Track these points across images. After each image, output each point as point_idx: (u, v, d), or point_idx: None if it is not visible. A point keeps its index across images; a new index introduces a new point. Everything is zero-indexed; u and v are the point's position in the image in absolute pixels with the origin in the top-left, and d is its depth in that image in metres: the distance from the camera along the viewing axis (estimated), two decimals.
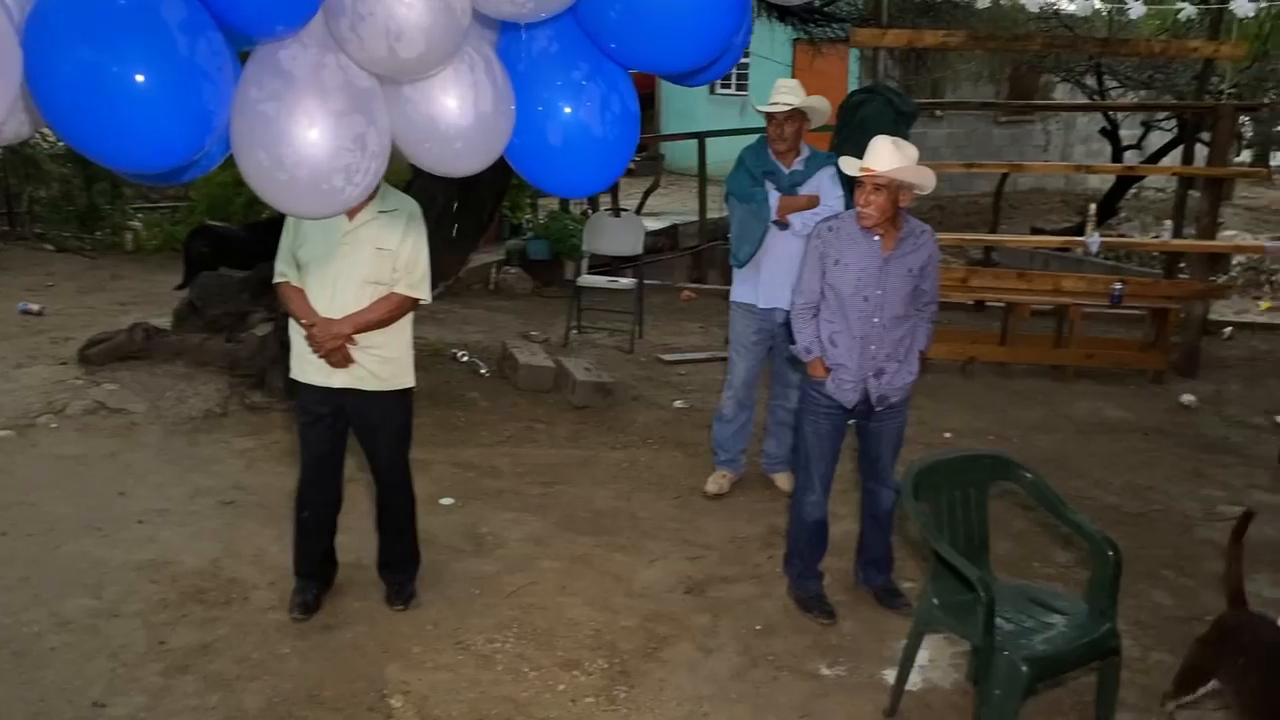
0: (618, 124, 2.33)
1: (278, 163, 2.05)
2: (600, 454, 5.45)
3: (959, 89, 15.98)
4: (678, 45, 2.26)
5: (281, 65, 2.04)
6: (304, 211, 2.30)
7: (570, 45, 2.29)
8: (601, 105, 2.29)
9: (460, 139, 2.20)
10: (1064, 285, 7.30)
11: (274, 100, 2.02)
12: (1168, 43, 8.26)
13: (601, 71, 2.30)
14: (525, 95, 2.28)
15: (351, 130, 2.08)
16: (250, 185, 2.14)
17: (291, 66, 2.04)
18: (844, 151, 6.22)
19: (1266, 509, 5.03)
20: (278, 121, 2.03)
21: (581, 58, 2.28)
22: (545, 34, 2.29)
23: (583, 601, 3.93)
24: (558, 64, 2.29)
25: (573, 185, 2.66)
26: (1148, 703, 3.41)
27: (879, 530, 4.01)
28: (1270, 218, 17.04)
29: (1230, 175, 8.17)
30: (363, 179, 2.15)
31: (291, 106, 2.03)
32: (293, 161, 2.05)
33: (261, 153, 2.05)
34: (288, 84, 2.03)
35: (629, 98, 2.37)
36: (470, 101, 2.16)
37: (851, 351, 3.72)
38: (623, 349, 7.56)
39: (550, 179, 2.48)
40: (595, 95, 2.28)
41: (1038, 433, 6.09)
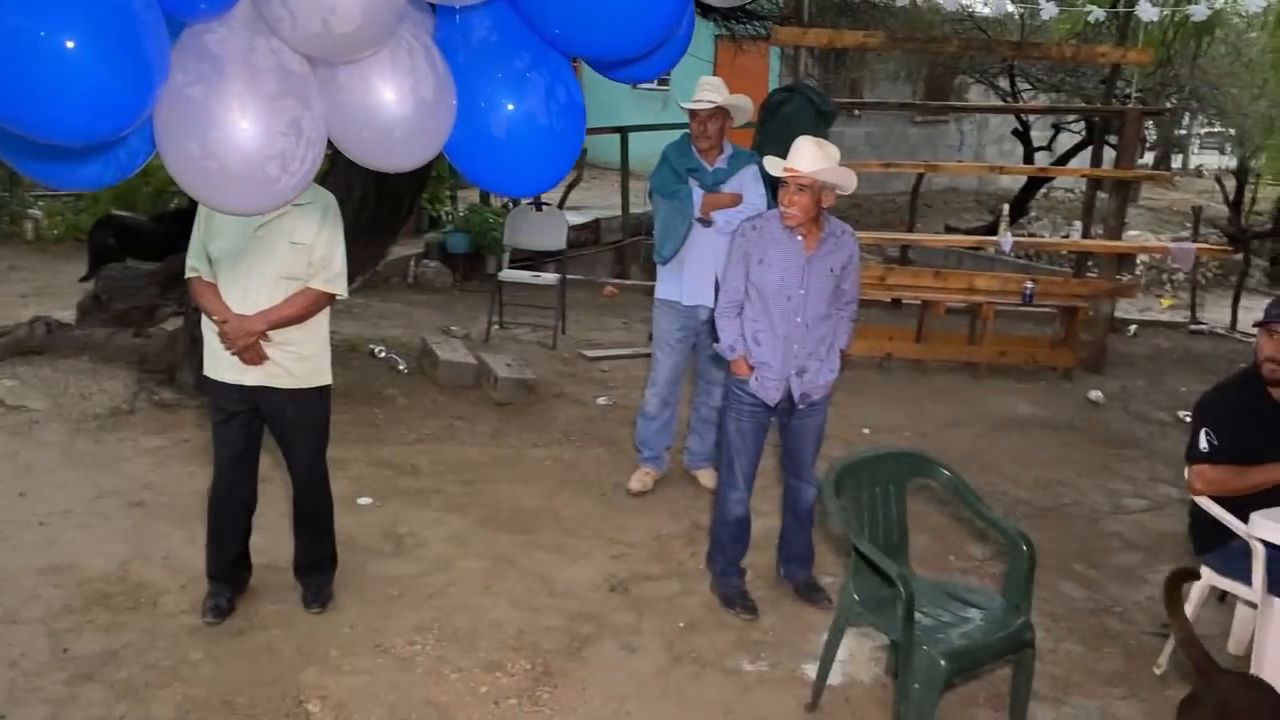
0: (564, 114, 2.28)
1: (207, 150, 1.93)
2: (523, 451, 5.41)
3: (876, 88, 16.25)
4: (621, 29, 2.21)
5: (208, 49, 1.94)
6: (239, 205, 2.18)
7: (511, 34, 2.23)
8: (546, 95, 2.24)
9: (399, 128, 2.11)
10: (978, 284, 7.47)
11: (201, 84, 1.91)
12: (1078, 48, 8.50)
13: (545, 61, 2.25)
14: (467, 87, 2.21)
15: (285, 115, 1.98)
16: (180, 181, 2.02)
17: (219, 50, 1.94)
18: (766, 149, 6.33)
19: (1171, 502, 5.22)
20: (206, 106, 1.92)
21: (523, 47, 2.22)
22: (484, 24, 2.23)
23: (505, 602, 3.89)
24: (499, 54, 2.23)
25: (520, 181, 2.57)
26: (1059, 693, 3.51)
27: (800, 526, 4.05)
28: (1171, 218, 17.69)
29: (1137, 178, 8.45)
30: (299, 167, 2.04)
31: (220, 90, 1.92)
32: (223, 149, 1.94)
33: (190, 141, 1.94)
34: (215, 67, 1.93)
35: (574, 88, 2.33)
36: (409, 88, 2.08)
37: (775, 350, 3.74)
38: (545, 345, 7.51)
39: (496, 175, 2.41)
40: (539, 85, 2.23)
41: (953, 428, 6.22)
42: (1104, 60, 8.02)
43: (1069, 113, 13.78)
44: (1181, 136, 21.62)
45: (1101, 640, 3.88)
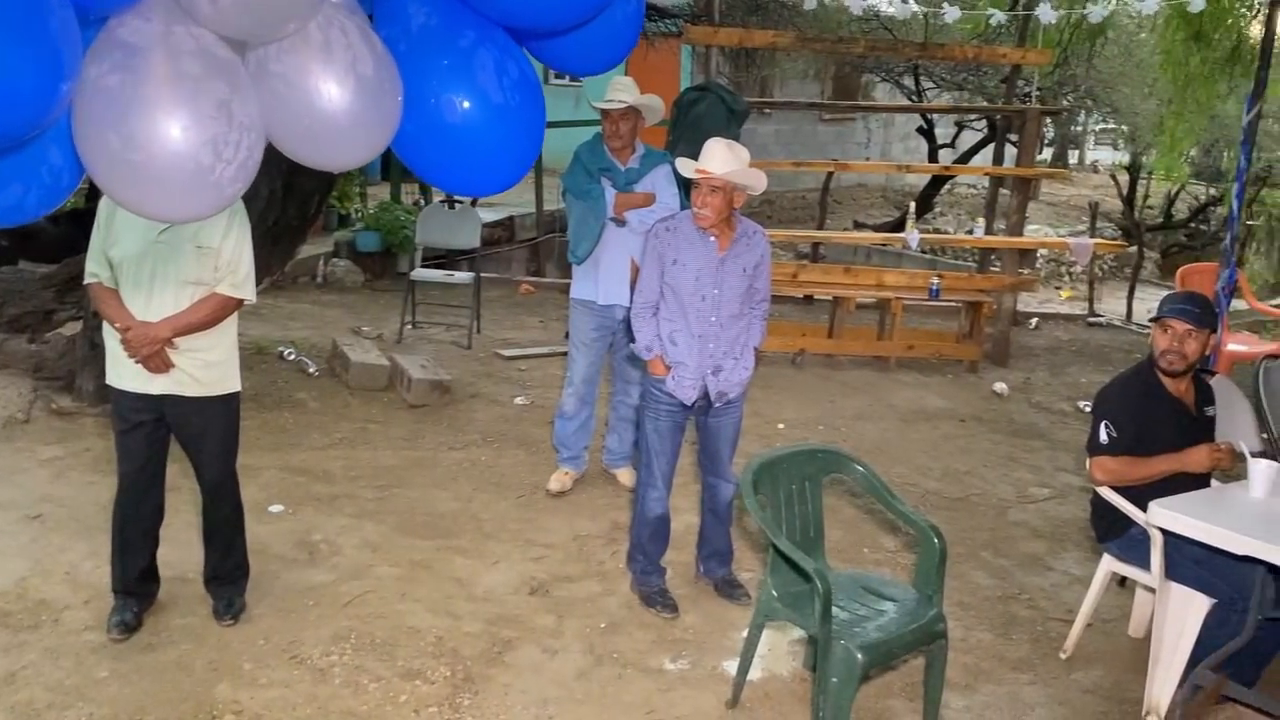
0: (518, 89, 2.19)
1: (128, 142, 1.78)
2: (439, 454, 5.34)
3: (786, 87, 16.46)
4: None
5: (122, 39, 1.81)
6: (175, 206, 1.98)
7: (449, 16, 2.14)
8: (497, 70, 2.15)
9: (344, 114, 1.99)
10: (886, 280, 7.63)
11: (118, 72, 1.77)
12: (980, 48, 8.74)
13: (490, 38, 2.17)
14: (413, 76, 2.12)
15: (212, 96, 1.84)
16: (102, 185, 1.87)
17: (135, 38, 1.80)
18: (679, 148, 6.38)
19: (1073, 491, 5.40)
20: (124, 94, 1.77)
21: (466, 25, 2.14)
22: (422, 9, 2.15)
23: (423, 608, 3.84)
24: (441, 36, 2.14)
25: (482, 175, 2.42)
26: (971, 680, 3.60)
27: (719, 523, 4.09)
28: (1069, 212, 18.26)
29: (1037, 175, 8.71)
30: (235, 155, 1.89)
31: (139, 76, 1.77)
32: (146, 137, 1.79)
33: (109, 133, 1.78)
34: (131, 54, 1.79)
35: (524, 64, 2.25)
36: (347, 66, 1.96)
37: (691, 349, 3.77)
38: (460, 345, 7.44)
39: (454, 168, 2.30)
40: (488, 62, 2.14)
41: (864, 421, 6.34)
42: (1005, 60, 8.26)
43: (972, 112, 14.14)
44: (1077, 133, 22.40)
45: (1010, 627, 4.00)
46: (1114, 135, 21.94)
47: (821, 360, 7.53)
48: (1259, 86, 4.88)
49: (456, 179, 2.42)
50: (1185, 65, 9.18)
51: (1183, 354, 3.49)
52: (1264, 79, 4.90)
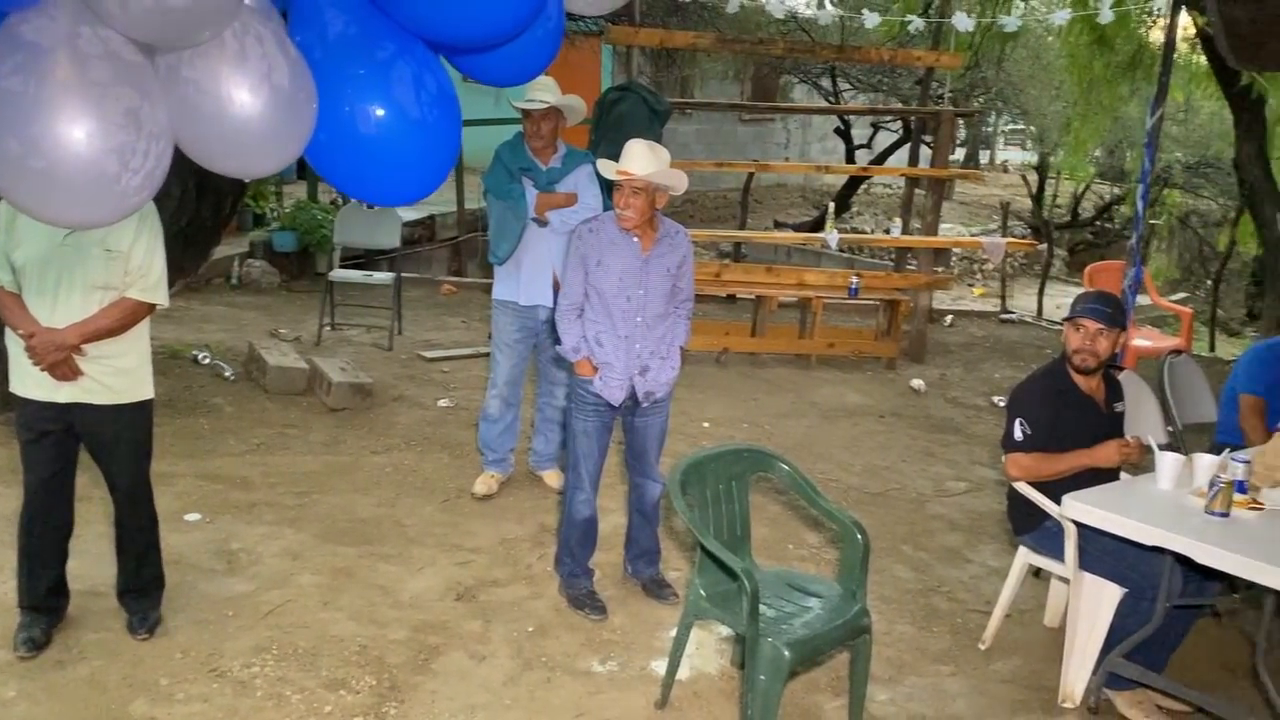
0: (436, 105, 2.16)
1: (32, 148, 1.70)
2: (360, 459, 5.26)
3: (706, 86, 16.57)
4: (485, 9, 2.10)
5: (24, 38, 1.72)
6: (77, 214, 1.90)
7: (369, 26, 2.10)
8: (415, 85, 2.12)
9: (256, 123, 1.94)
10: (808, 279, 7.73)
11: (19, 75, 1.68)
12: (895, 51, 8.91)
13: (409, 51, 2.13)
14: (328, 85, 2.07)
15: (120, 104, 1.77)
16: (5, 193, 1.78)
17: (38, 38, 1.71)
18: (601, 148, 6.38)
19: (988, 484, 5.54)
20: (25, 98, 1.69)
21: (385, 37, 2.10)
22: (340, 17, 2.10)
23: (347, 616, 3.77)
24: (359, 46, 2.10)
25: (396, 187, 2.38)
26: (894, 673, 3.67)
27: (646, 523, 4.09)
28: (980, 211, 18.74)
29: (951, 176, 8.91)
30: (143, 164, 1.82)
31: (42, 79, 1.70)
32: (50, 144, 1.71)
33: (9, 138, 1.70)
34: (35, 55, 1.70)
35: (443, 78, 2.22)
36: (262, 74, 1.91)
37: (617, 350, 3.77)
38: (381, 346, 7.33)
39: (369, 180, 2.26)
40: (406, 75, 2.11)
41: (787, 418, 6.42)
42: (919, 63, 8.44)
43: (888, 114, 14.42)
44: (988, 134, 22.98)
45: (930, 620, 4.08)
46: (1023, 136, 22.58)
47: (745, 359, 7.60)
48: (1161, 92, 5.06)
49: (368, 189, 2.38)
50: (1089, 69, 9.48)
51: (1095, 352, 3.60)
52: (1165, 84, 5.07)
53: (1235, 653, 3.90)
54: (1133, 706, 3.47)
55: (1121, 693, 3.49)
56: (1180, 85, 10.63)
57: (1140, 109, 11.98)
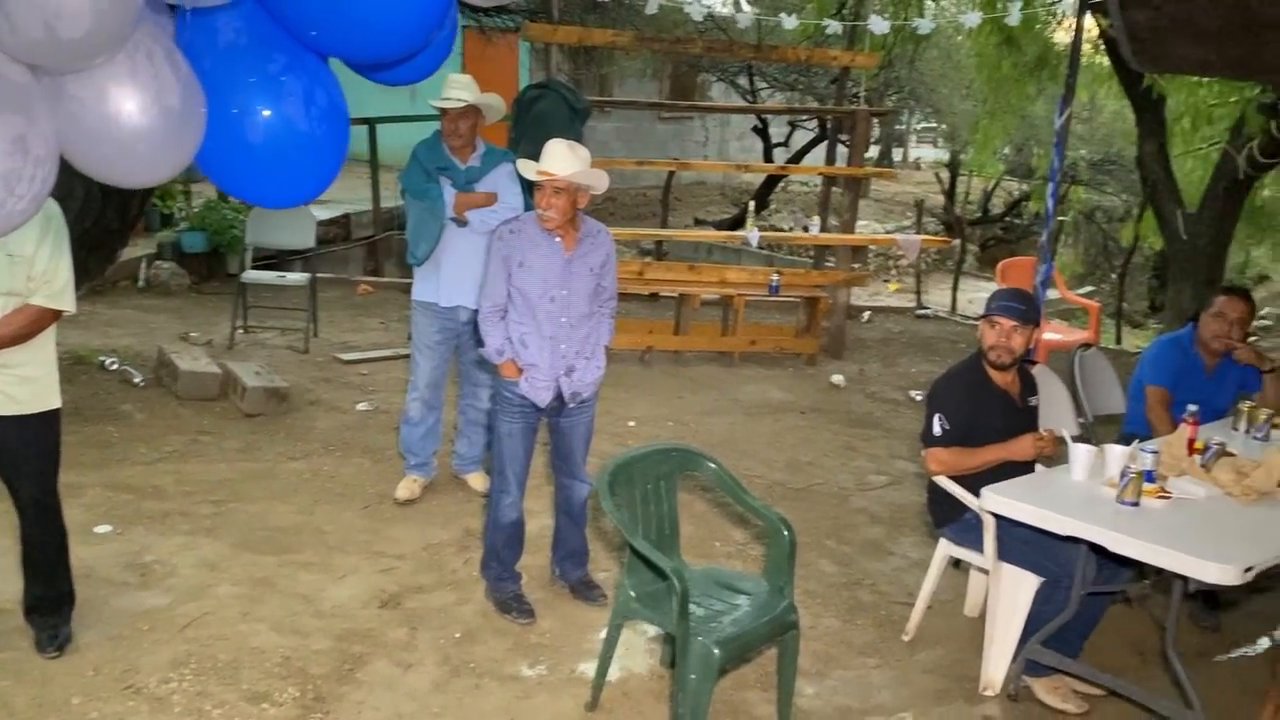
0: (325, 119, 2.14)
1: None
2: (278, 465, 5.14)
3: (625, 84, 16.58)
4: (382, 31, 2.10)
5: None
6: None
7: (262, 36, 2.07)
8: (305, 99, 2.09)
9: (144, 140, 1.90)
10: (729, 277, 7.79)
11: None
12: (811, 51, 9.02)
13: (301, 63, 2.11)
14: (216, 93, 2.03)
15: (9, 132, 1.72)
16: None
17: None
18: (521, 146, 6.33)
19: (908, 477, 5.64)
20: None
21: (277, 49, 2.07)
22: (232, 25, 2.06)
23: (268, 627, 3.68)
24: (250, 56, 2.06)
25: (280, 193, 2.39)
26: (821, 667, 3.71)
27: (574, 525, 4.08)
28: (895, 208, 19.09)
29: (867, 175, 9.05)
30: (28, 189, 1.79)
31: None
32: None
33: None
34: None
35: (334, 91, 2.20)
36: (152, 96, 1.87)
37: (543, 351, 3.75)
38: (296, 349, 7.17)
39: (253, 186, 2.24)
40: (296, 89, 2.08)
41: (712, 416, 6.45)
42: (835, 63, 8.55)
43: (805, 113, 14.60)
44: (900, 132, 23.42)
45: (855, 613, 4.14)
46: (934, 134, 23.08)
47: (669, 357, 7.63)
48: (1069, 93, 5.21)
49: (250, 193, 2.35)
50: (998, 69, 9.70)
51: (1009, 349, 3.69)
52: (1073, 86, 5.22)
53: (1146, 636, 4.04)
54: (1050, 692, 3.57)
55: (1039, 679, 3.58)
56: (1085, 85, 10.93)
57: (1046, 108, 12.34)
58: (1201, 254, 8.44)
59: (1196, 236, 8.38)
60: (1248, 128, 7.82)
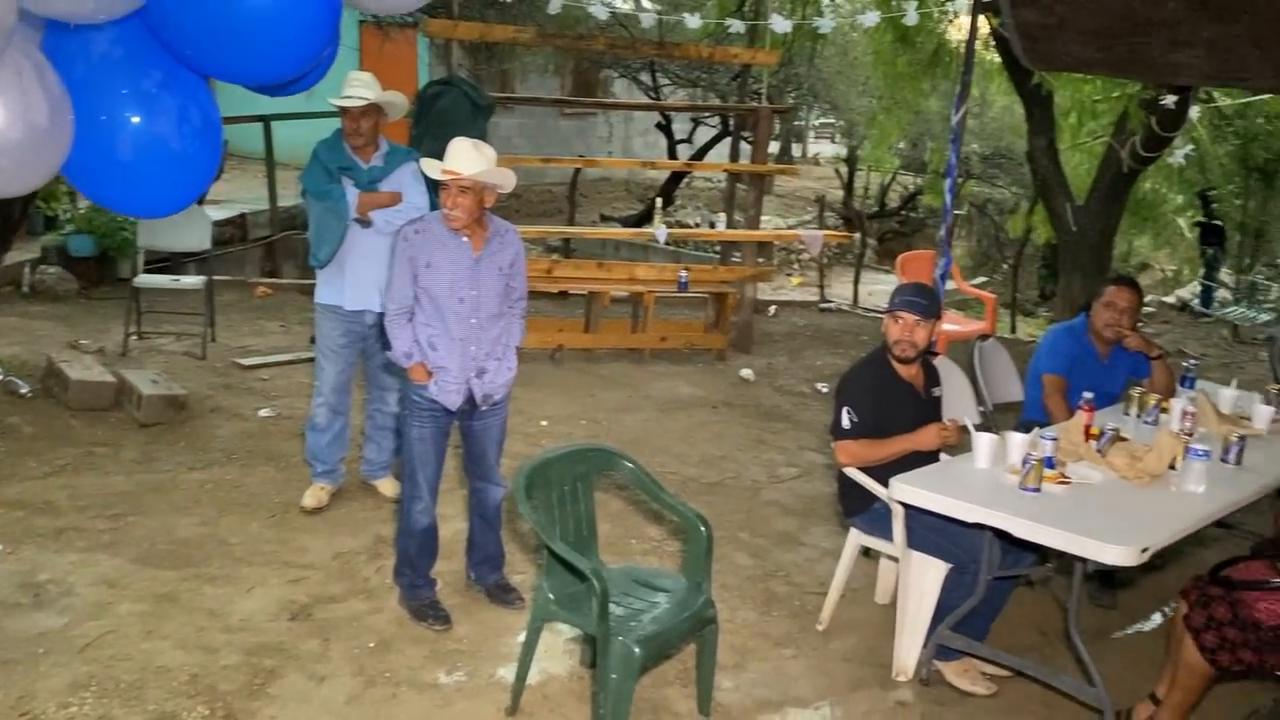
0: (199, 137, 2.08)
1: None
2: (178, 476, 4.97)
3: (527, 80, 16.47)
4: (263, 55, 2.06)
5: None
6: None
7: (138, 50, 2.00)
8: (179, 117, 2.03)
9: (7, 155, 1.83)
10: (638, 274, 7.81)
11: None
12: (713, 48, 9.09)
13: (177, 79, 2.04)
14: (86, 106, 1.96)
15: None
16: None
17: None
18: (423, 143, 6.23)
19: (817, 468, 5.73)
20: None
21: (153, 64, 2.00)
22: (107, 36, 1.98)
23: (173, 644, 3.56)
24: (124, 70, 1.99)
25: (148, 205, 2.32)
26: (739, 659, 3.75)
27: (488, 528, 4.04)
28: (796, 203, 19.40)
29: (771, 172, 9.17)
30: None
31: None
32: None
33: None
34: None
35: (210, 107, 2.13)
36: (19, 113, 1.81)
37: (452, 353, 3.70)
38: (194, 355, 6.94)
39: (122, 199, 2.17)
40: (171, 106, 2.02)
41: (624, 413, 6.46)
42: (737, 60, 8.64)
43: (709, 110, 14.70)
44: (800, 128, 23.79)
45: (770, 604, 4.20)
46: (832, 129, 23.49)
47: (580, 355, 7.61)
48: (964, 90, 5.35)
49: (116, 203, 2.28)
50: (894, 66, 9.91)
51: (913, 342, 3.78)
52: (968, 84, 5.36)
53: (1049, 617, 4.18)
54: (960, 675, 3.67)
55: (949, 663, 3.68)
56: (976, 81, 11.24)
57: (939, 103, 12.67)
58: (1090, 244, 8.75)
59: (1085, 228, 8.69)
60: (1130, 123, 8.14)
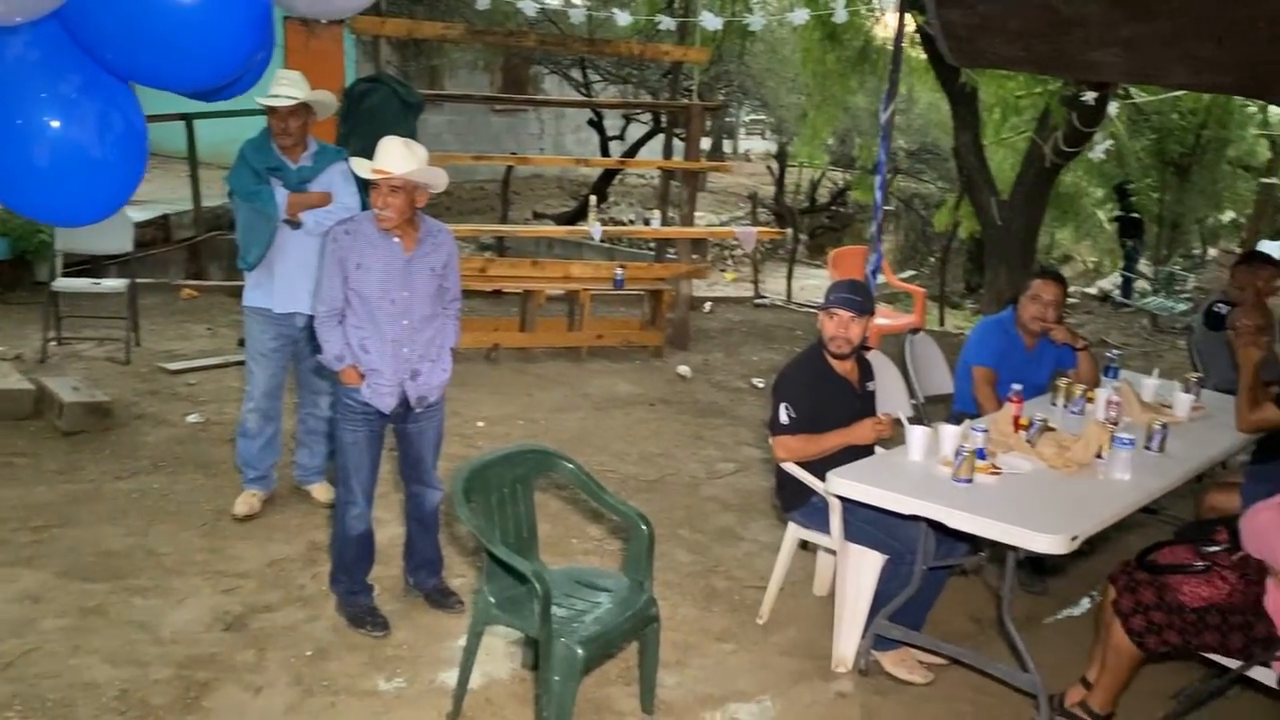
0: (120, 144, 2.01)
1: None
2: (103, 486, 4.83)
3: (456, 76, 16.33)
4: (189, 60, 1.99)
5: None
6: None
7: (56, 53, 1.92)
8: (100, 123, 1.96)
9: None
10: (574, 272, 7.79)
11: None
12: (644, 45, 9.07)
13: (98, 84, 1.97)
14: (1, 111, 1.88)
15: None
16: None
17: None
18: (351, 142, 6.14)
19: (755, 463, 5.78)
20: None
21: (72, 68, 1.93)
22: (21, 38, 1.90)
23: (102, 660, 3.46)
24: (41, 74, 1.92)
25: (69, 214, 2.23)
26: (680, 656, 3.76)
27: (426, 532, 3.99)
28: (728, 199, 19.51)
29: (704, 169, 9.19)
30: None
31: None
32: None
33: None
34: None
35: (134, 113, 2.06)
36: None
37: (385, 356, 3.65)
38: (117, 360, 6.76)
39: (41, 207, 2.09)
40: (91, 112, 1.94)
41: (562, 413, 6.44)
42: (667, 57, 8.66)
43: (641, 108, 14.71)
44: (730, 124, 23.91)
45: (711, 600, 4.22)
46: (763, 126, 23.66)
47: (516, 354, 7.56)
48: (892, 88, 5.42)
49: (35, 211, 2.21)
50: (823, 63, 10.02)
51: (848, 339, 3.82)
52: (896, 82, 5.44)
53: (983, 605, 4.27)
54: (898, 665, 3.73)
55: (887, 653, 3.74)
56: (903, 78, 11.43)
57: (866, 100, 12.83)
58: (1015, 238, 8.95)
59: (1010, 222, 8.88)
60: (1052, 119, 8.34)
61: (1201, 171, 13.82)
